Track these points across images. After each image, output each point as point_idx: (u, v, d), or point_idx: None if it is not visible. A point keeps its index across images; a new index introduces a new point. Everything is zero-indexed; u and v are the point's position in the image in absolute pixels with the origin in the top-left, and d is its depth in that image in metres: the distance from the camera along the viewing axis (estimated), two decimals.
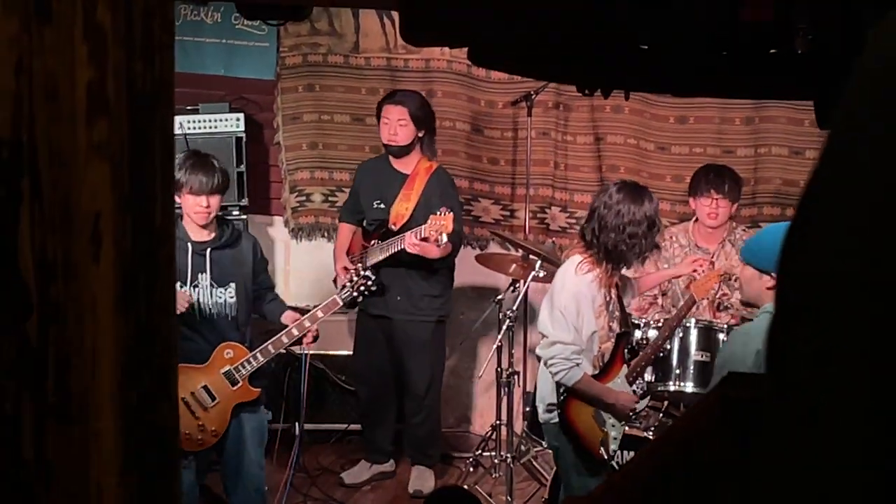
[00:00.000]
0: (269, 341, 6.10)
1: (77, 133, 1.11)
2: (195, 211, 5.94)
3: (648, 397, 5.91)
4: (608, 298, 5.68)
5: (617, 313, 5.76)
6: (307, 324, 6.17)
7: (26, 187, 1.10)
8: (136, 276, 1.19)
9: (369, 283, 6.40)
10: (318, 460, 7.71)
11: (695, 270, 6.40)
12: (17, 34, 1.06)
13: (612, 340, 5.72)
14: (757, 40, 2.37)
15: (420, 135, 7.07)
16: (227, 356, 6.04)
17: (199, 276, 6.01)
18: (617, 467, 5.68)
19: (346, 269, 6.98)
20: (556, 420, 5.70)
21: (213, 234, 6.04)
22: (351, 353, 7.61)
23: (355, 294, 6.38)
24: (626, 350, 5.78)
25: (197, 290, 6.00)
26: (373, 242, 7.12)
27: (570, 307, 5.55)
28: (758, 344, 4.59)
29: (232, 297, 6.07)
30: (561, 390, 5.64)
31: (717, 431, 0.91)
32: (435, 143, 7.28)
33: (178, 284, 5.89)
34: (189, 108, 7.82)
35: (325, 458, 7.78)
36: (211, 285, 6.03)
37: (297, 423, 6.78)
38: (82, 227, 1.13)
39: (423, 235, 6.65)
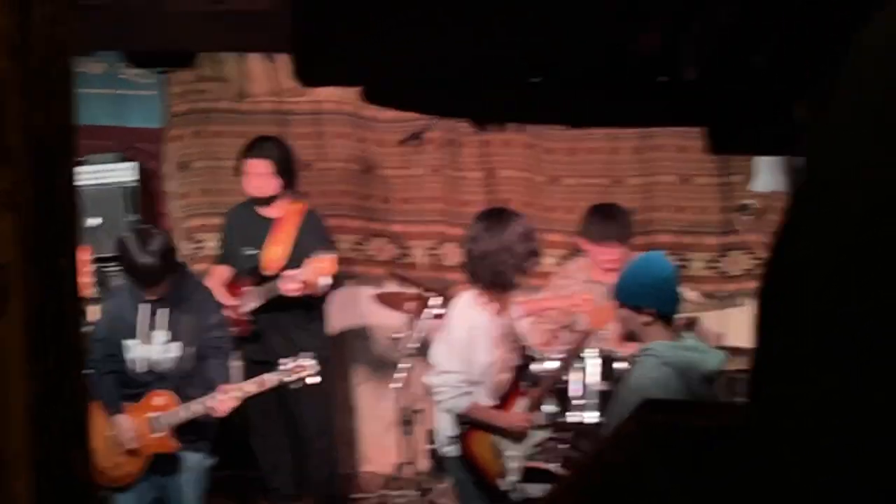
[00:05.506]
0: (195, 400, 5.99)
1: None
2: None
3: (549, 427, 5.91)
4: (504, 330, 5.73)
5: (513, 344, 5.80)
6: (237, 394, 6.08)
7: None
8: (44, 328, 1.17)
9: (304, 374, 6.25)
10: None
11: (576, 305, 6.42)
12: None
13: (509, 372, 5.75)
14: (645, 69, 2.41)
15: (285, 182, 6.98)
16: (156, 403, 5.98)
17: (151, 333, 5.99)
18: (516, 499, 5.70)
19: None
20: (456, 453, 5.72)
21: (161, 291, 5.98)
22: None
23: (286, 380, 6.22)
24: (522, 382, 5.81)
25: (148, 347, 5.99)
26: (245, 290, 7.00)
27: (462, 339, 5.61)
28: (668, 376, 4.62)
29: (175, 353, 6.03)
30: (461, 422, 5.66)
31: (641, 457, 0.92)
32: (298, 185, 7.19)
33: (132, 343, 6.02)
34: (77, 160, 7.71)
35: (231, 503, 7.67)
36: (161, 342, 6.01)
37: None
38: None
39: (301, 279, 6.58)
